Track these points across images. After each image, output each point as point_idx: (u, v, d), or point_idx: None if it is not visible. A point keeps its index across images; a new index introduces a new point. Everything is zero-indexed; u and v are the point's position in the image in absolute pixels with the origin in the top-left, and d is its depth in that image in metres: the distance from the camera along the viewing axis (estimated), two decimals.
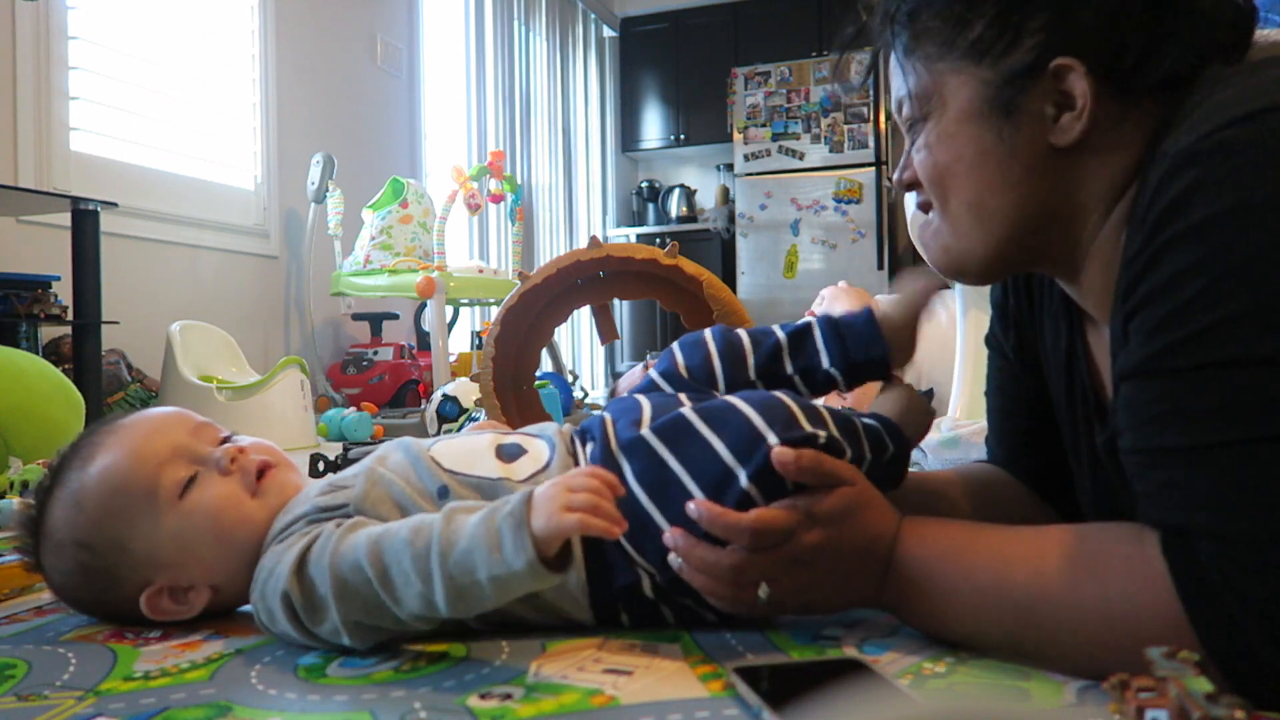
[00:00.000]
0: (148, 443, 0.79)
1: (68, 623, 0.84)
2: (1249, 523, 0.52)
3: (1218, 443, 0.53)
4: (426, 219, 3.42)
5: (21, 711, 0.62)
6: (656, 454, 0.72)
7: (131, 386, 2.79)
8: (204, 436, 0.83)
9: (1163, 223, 0.56)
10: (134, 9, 3.01)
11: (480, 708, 0.60)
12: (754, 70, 5.71)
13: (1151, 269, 0.56)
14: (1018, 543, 0.65)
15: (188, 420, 0.83)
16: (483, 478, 0.76)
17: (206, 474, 0.79)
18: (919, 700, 0.58)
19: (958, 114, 0.68)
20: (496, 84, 4.99)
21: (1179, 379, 0.55)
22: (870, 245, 5.40)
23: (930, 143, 0.70)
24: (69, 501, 0.78)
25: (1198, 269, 0.54)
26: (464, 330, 4.23)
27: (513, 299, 1.48)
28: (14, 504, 1.35)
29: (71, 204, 2.37)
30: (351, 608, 0.67)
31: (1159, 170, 0.57)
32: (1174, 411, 0.55)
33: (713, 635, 0.73)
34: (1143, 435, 0.57)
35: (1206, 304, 0.53)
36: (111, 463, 0.78)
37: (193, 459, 0.80)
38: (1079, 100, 0.64)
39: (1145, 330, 0.57)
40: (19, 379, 1.83)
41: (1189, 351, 0.54)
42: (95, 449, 0.79)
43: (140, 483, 0.77)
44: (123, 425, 0.81)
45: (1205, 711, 0.46)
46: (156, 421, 0.82)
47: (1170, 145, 0.58)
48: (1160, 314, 0.55)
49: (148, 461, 0.77)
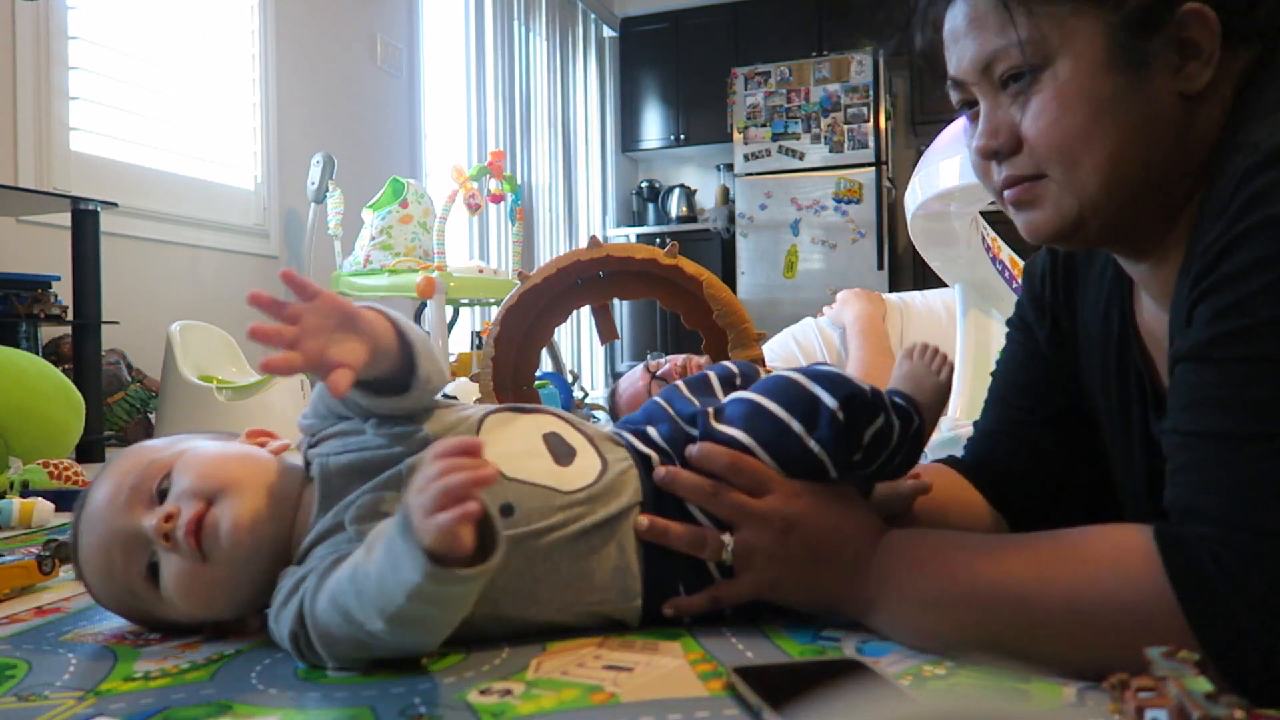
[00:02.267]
0: (105, 545, 0.73)
1: (68, 623, 0.84)
2: (1257, 514, 0.52)
3: (1253, 434, 0.53)
4: (426, 219, 3.42)
5: (22, 712, 0.62)
6: (751, 399, 0.75)
7: (131, 386, 2.79)
8: (140, 501, 0.72)
9: (1243, 213, 0.56)
10: (134, 9, 3.01)
11: (480, 704, 0.60)
12: (754, 70, 5.71)
13: (1225, 257, 0.56)
14: (991, 545, 0.65)
15: (124, 482, 0.73)
16: (537, 486, 0.72)
17: (160, 553, 0.71)
18: (919, 700, 0.58)
19: (1088, 63, 0.63)
20: (496, 84, 4.99)
21: (1232, 367, 0.55)
22: (870, 245, 5.40)
23: (1052, 99, 0.64)
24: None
25: (1269, 262, 0.54)
26: (464, 330, 4.23)
27: (513, 299, 1.48)
28: (14, 504, 1.35)
29: (71, 204, 2.37)
30: (343, 650, 0.66)
31: (1245, 160, 0.57)
32: (1219, 398, 0.55)
33: (713, 635, 0.73)
34: (1185, 417, 0.58)
35: (1272, 298, 0.54)
36: (92, 581, 0.76)
37: (140, 542, 0.72)
38: (1205, 46, 0.63)
39: (1208, 316, 0.57)
40: (19, 379, 1.83)
41: (1247, 342, 0.54)
42: (78, 559, 0.76)
43: (123, 594, 0.74)
44: (84, 522, 0.75)
45: (1205, 711, 0.46)
46: (103, 503, 0.74)
47: (1261, 137, 0.58)
48: (1225, 302, 0.56)
49: (114, 570, 0.73)
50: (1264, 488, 0.53)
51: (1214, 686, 0.48)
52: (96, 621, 0.83)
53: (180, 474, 0.73)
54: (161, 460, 0.74)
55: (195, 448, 0.76)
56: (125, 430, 2.77)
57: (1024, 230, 0.70)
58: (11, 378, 1.81)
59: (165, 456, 0.75)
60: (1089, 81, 0.63)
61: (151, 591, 0.72)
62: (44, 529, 1.34)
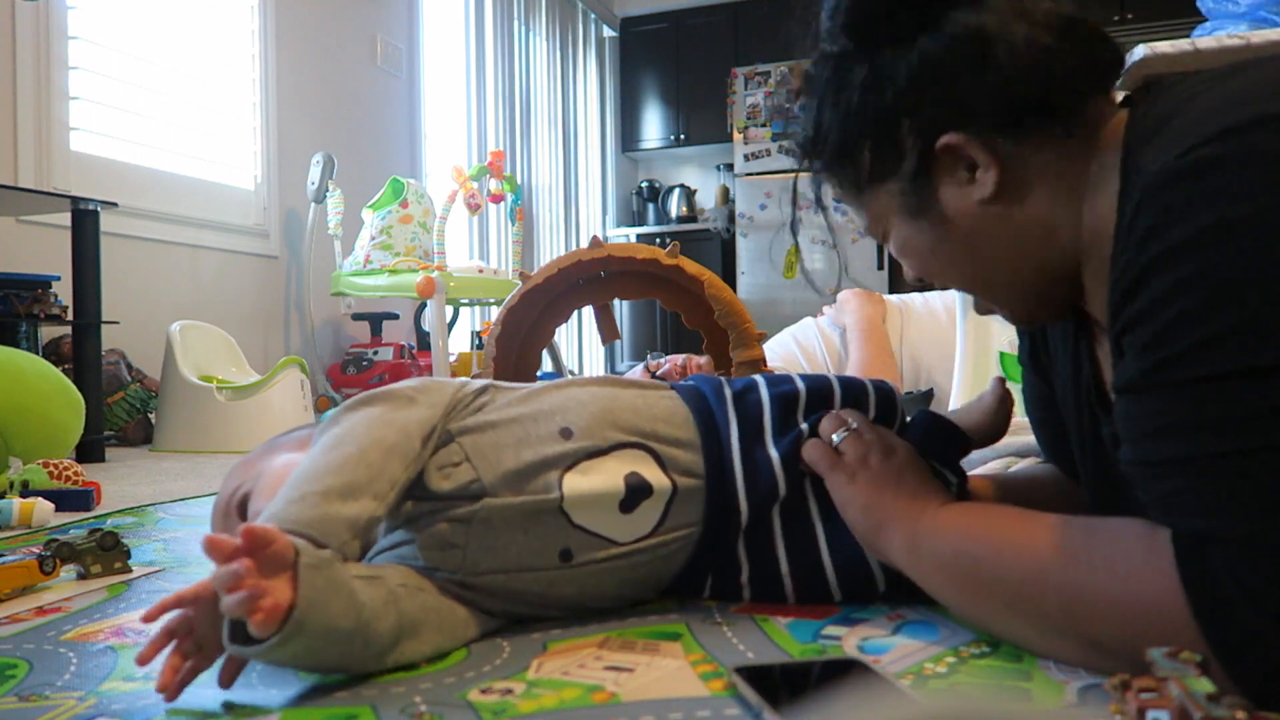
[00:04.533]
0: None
1: (68, 623, 0.84)
2: (1262, 528, 0.52)
3: (1221, 452, 0.53)
4: (426, 219, 3.42)
5: (22, 712, 0.62)
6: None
7: (131, 386, 2.79)
8: (230, 526, 0.84)
9: (1146, 242, 0.57)
10: (134, 9, 3.01)
11: (481, 702, 0.60)
12: (754, 70, 5.71)
13: (1138, 289, 0.57)
14: (1027, 527, 0.66)
15: (218, 504, 0.87)
16: (596, 536, 0.77)
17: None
18: (919, 700, 0.58)
19: (900, 223, 0.74)
20: (496, 84, 4.99)
21: (1175, 393, 0.56)
22: (870, 245, 5.40)
23: (902, 255, 0.76)
24: None
25: (1183, 287, 0.55)
26: (464, 330, 4.23)
27: (514, 299, 1.48)
28: (14, 504, 1.35)
29: (71, 204, 2.37)
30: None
31: (1138, 188, 0.59)
32: (1174, 425, 0.56)
33: (714, 635, 0.73)
34: (1144, 448, 0.58)
35: (1194, 320, 0.54)
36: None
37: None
38: (977, 157, 0.68)
39: (1137, 347, 0.58)
40: (19, 379, 1.83)
41: (1182, 367, 0.55)
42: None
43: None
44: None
45: (1207, 712, 0.46)
46: (214, 517, 0.88)
47: (1148, 162, 0.59)
48: (1151, 332, 0.56)
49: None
50: (1257, 501, 0.53)
51: (1216, 687, 0.48)
52: (97, 621, 0.83)
53: (255, 500, 0.82)
54: (243, 490, 0.85)
55: (268, 468, 0.85)
56: (125, 430, 2.77)
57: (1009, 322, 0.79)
58: (11, 378, 1.81)
59: (247, 479, 0.86)
60: (908, 235, 0.74)
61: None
62: (44, 529, 1.34)
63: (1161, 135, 0.60)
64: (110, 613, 0.87)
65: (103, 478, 1.77)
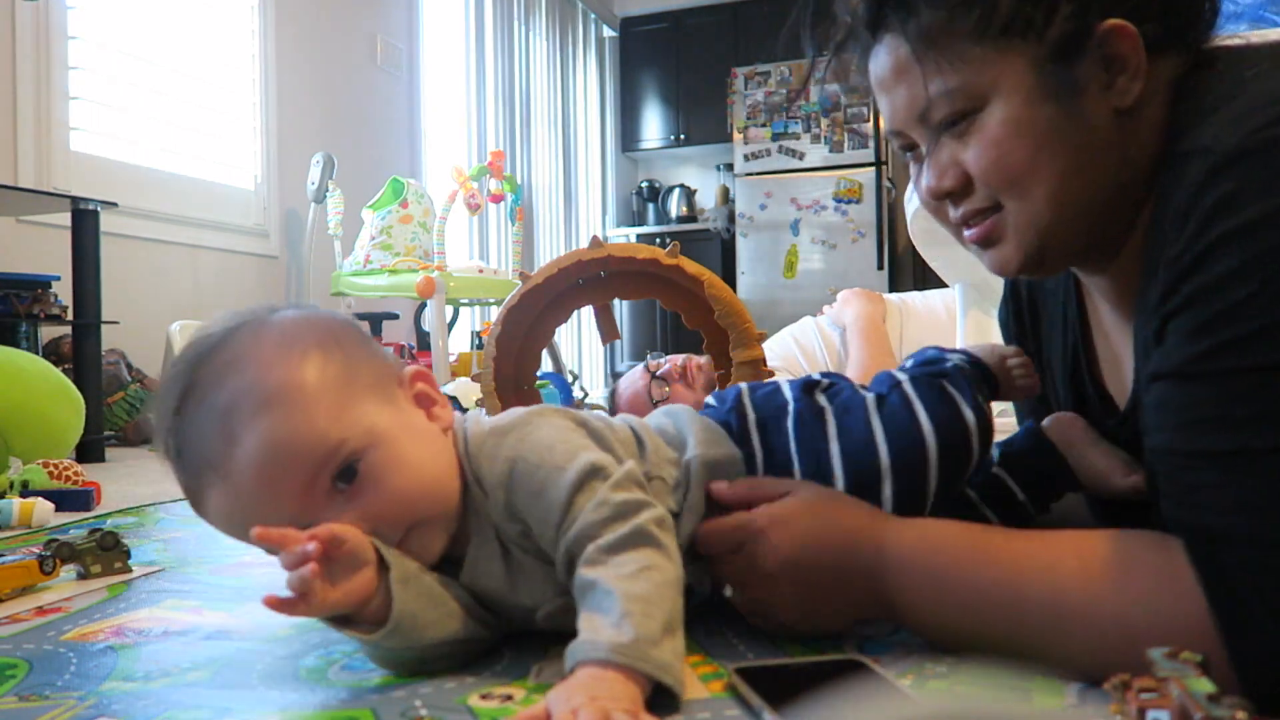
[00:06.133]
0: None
1: (68, 623, 0.84)
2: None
3: (1264, 449, 0.51)
4: (426, 219, 3.42)
5: (22, 712, 0.62)
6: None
7: (131, 386, 2.79)
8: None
9: (1210, 222, 0.54)
10: (134, 9, 3.01)
11: (481, 708, 0.60)
12: (754, 70, 5.70)
13: (1197, 269, 0.54)
14: (1031, 549, 0.63)
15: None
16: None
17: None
18: (919, 700, 0.58)
19: (1022, 98, 0.63)
20: (496, 84, 4.99)
21: (1224, 382, 0.53)
22: (870, 245, 5.40)
23: (993, 137, 0.64)
24: None
25: (1247, 271, 0.52)
26: (464, 330, 4.23)
27: (514, 299, 1.48)
28: (14, 504, 1.35)
29: (71, 204, 2.37)
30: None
31: (1199, 165, 0.56)
32: (1218, 416, 0.53)
33: (715, 635, 0.73)
34: (1181, 437, 0.55)
35: (1257, 307, 0.52)
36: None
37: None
38: (1131, 59, 0.63)
39: (1188, 331, 0.55)
40: (19, 379, 1.83)
41: (1236, 354, 0.52)
42: None
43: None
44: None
45: (1207, 712, 0.46)
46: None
47: (1210, 140, 0.56)
48: (1206, 315, 0.54)
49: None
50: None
51: (1216, 688, 0.48)
52: (97, 621, 0.83)
53: (380, 467, 0.81)
54: (350, 447, 0.82)
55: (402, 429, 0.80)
56: (125, 430, 2.77)
57: (992, 267, 0.70)
58: (11, 377, 1.81)
59: (351, 432, 0.83)
60: (1026, 115, 0.64)
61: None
62: (44, 529, 1.34)
63: (1223, 112, 0.57)
64: (110, 613, 0.87)
65: (103, 478, 1.77)
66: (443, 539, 0.68)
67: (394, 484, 0.64)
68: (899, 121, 0.70)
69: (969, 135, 0.66)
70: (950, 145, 0.67)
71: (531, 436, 0.68)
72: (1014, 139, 0.64)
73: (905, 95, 0.68)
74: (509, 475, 0.66)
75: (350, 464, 0.63)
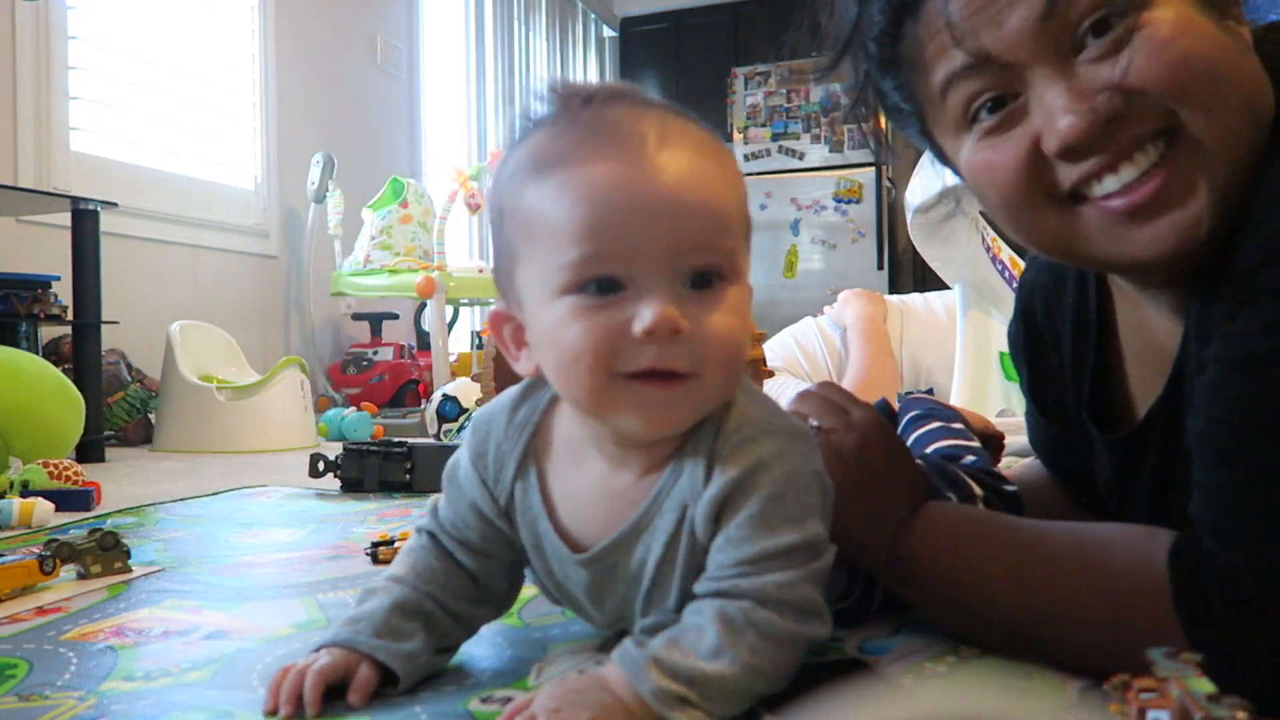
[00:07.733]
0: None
1: (68, 623, 0.84)
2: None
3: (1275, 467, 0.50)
4: (426, 219, 3.42)
5: (22, 712, 0.62)
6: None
7: (131, 386, 2.79)
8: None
9: None
10: (134, 9, 3.01)
11: (481, 711, 0.60)
12: (754, 70, 5.71)
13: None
14: (1031, 538, 0.64)
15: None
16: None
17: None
18: (919, 700, 0.58)
19: (1184, 2, 0.55)
20: (496, 84, 4.99)
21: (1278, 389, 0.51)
22: (870, 245, 5.40)
23: (1167, 35, 0.54)
24: None
25: None
26: (464, 330, 4.23)
27: None
28: (14, 504, 1.35)
29: (71, 204, 2.37)
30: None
31: None
32: (1264, 420, 0.51)
33: None
34: (1229, 430, 0.53)
35: None
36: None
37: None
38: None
39: (1266, 321, 0.51)
40: (19, 379, 1.83)
41: None
42: None
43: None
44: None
45: (1207, 712, 0.46)
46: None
47: None
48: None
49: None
50: None
51: (1216, 687, 0.48)
52: (97, 621, 0.83)
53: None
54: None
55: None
56: (125, 430, 2.77)
57: (1160, 244, 0.56)
58: (11, 377, 1.81)
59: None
60: (1197, 19, 0.55)
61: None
62: (44, 529, 1.34)
63: None
64: (110, 613, 0.87)
65: (103, 478, 1.77)
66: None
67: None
68: (1008, 42, 0.56)
69: (1129, 39, 0.54)
70: (1090, 68, 0.55)
71: (791, 463, 0.59)
72: (1194, 33, 0.54)
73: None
74: (746, 474, 0.58)
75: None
